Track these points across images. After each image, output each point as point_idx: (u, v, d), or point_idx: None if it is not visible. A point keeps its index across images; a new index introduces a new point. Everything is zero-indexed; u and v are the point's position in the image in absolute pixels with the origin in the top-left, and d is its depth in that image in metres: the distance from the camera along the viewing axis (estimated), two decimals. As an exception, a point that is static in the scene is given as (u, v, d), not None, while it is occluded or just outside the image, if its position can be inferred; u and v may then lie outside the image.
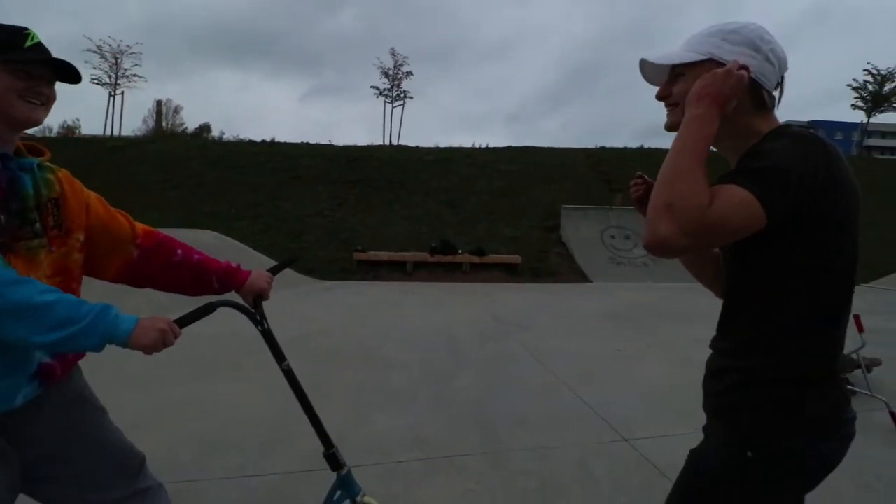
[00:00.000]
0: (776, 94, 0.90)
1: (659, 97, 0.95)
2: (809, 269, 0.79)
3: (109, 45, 30.49)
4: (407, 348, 4.56)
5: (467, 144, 18.42)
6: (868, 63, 30.42)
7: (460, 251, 10.20)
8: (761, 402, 0.83)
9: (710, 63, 0.86)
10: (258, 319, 1.33)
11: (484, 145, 18.60)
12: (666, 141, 0.89)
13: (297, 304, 6.60)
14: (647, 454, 2.50)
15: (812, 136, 0.79)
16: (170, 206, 11.96)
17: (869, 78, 30.87)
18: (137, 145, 17.18)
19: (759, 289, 0.85)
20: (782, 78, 0.89)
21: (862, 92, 31.43)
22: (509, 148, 17.64)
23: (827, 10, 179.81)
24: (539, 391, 3.48)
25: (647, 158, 17.30)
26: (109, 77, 31.16)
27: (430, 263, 10.05)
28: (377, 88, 33.11)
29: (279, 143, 17.76)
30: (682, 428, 2.79)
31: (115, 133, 28.19)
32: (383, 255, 10.09)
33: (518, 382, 3.66)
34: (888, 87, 30.45)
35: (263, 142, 18.43)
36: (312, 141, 18.03)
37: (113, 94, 31.46)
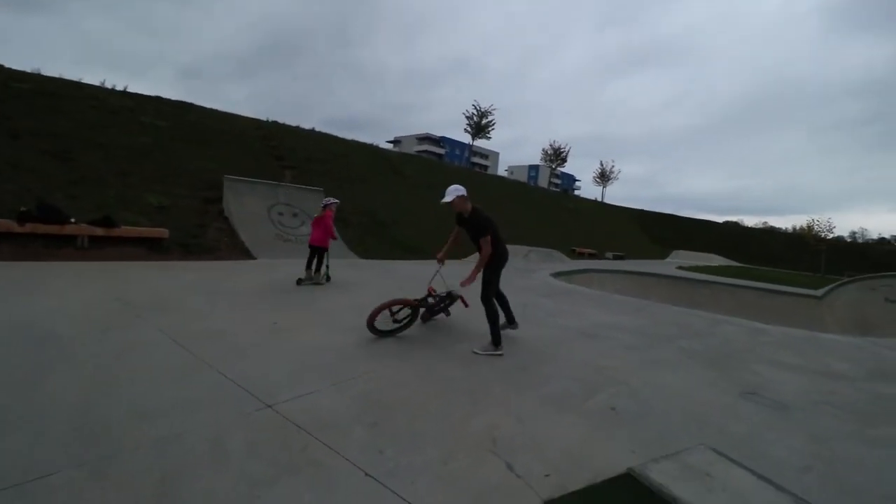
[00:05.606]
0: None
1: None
2: (497, 243, 4.27)
3: None
4: (-48, 356, 3.03)
5: (95, 82, 13.83)
6: (474, 100, 43.25)
7: (73, 220, 7.65)
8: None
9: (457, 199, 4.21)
10: None
11: (121, 88, 14.49)
12: (336, 130, 0.99)
13: None
14: (289, 415, 2.60)
15: (482, 210, 4.36)
16: None
17: (474, 111, 43.98)
18: None
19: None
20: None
21: (469, 121, 44.29)
22: (158, 98, 14.49)
23: (464, 63, 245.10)
24: (173, 377, 3.02)
25: (319, 142, 18.05)
26: None
27: (19, 235, 7.08)
28: None
29: None
30: (323, 383, 3.06)
31: None
32: (-87, 221, 6.34)
33: (145, 372, 3.07)
34: (484, 120, 44.11)
35: None
36: None
37: None
